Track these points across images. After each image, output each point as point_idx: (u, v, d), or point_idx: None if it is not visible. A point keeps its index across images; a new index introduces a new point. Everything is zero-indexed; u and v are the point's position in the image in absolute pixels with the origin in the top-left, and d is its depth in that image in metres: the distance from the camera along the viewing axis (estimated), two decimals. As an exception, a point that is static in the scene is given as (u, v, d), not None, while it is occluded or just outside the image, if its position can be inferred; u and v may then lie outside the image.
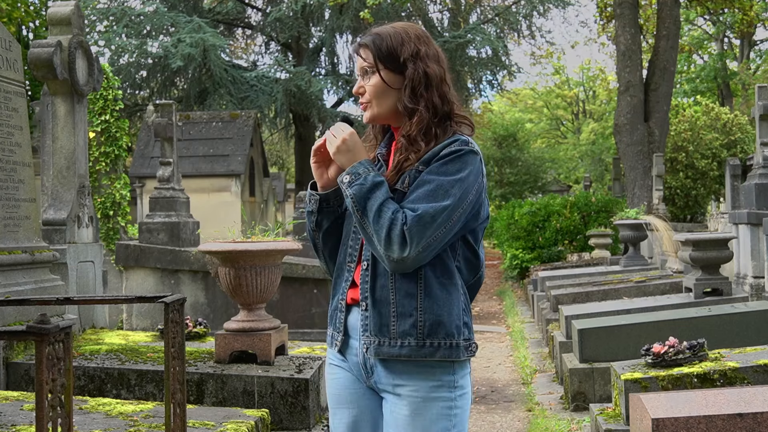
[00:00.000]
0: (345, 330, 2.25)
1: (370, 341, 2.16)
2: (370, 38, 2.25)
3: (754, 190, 8.88)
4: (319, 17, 20.86)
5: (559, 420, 5.50)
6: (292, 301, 7.16)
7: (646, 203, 16.24)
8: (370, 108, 2.26)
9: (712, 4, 21.44)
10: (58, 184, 5.69)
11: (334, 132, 2.21)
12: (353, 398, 2.28)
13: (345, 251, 2.27)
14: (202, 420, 3.58)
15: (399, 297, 2.13)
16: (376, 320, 2.15)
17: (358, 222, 2.12)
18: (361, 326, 2.18)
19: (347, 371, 2.29)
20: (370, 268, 2.17)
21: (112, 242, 11.31)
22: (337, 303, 2.27)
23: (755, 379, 4.11)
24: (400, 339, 2.12)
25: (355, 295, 2.22)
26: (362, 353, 2.19)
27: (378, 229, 2.07)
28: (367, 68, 2.23)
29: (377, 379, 2.19)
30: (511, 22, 22.24)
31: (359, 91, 2.26)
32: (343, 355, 2.28)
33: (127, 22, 19.58)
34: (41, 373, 1.92)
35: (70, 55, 5.58)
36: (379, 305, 2.15)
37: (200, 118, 16.33)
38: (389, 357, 2.14)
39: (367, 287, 2.17)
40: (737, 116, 21.80)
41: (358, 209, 2.10)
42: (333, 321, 2.28)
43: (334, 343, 2.27)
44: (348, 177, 2.14)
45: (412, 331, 2.12)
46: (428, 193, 2.08)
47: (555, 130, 40.17)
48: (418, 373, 2.14)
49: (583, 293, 8.67)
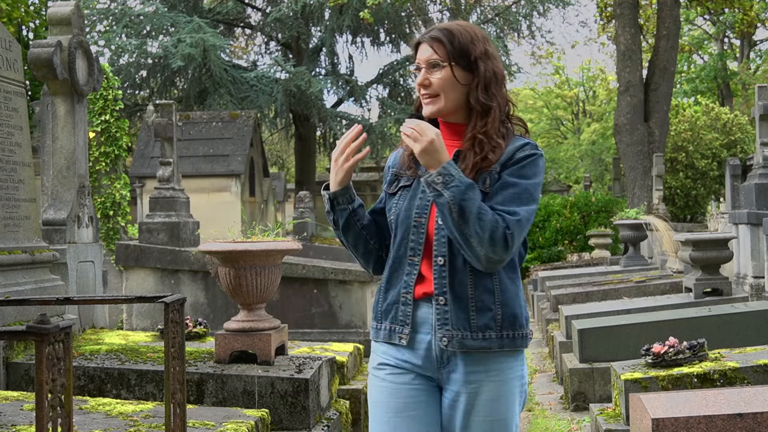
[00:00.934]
0: (413, 324, 2.30)
1: (452, 335, 2.25)
2: (441, 33, 2.30)
3: (754, 190, 8.88)
4: (319, 17, 20.86)
5: (559, 420, 5.50)
6: (292, 301, 7.16)
7: (646, 203, 16.23)
8: (436, 101, 2.32)
9: (712, 4, 21.43)
10: (58, 184, 5.69)
11: (417, 130, 2.20)
12: (414, 411, 2.31)
13: (405, 245, 2.32)
14: (202, 420, 3.58)
15: (478, 292, 2.25)
16: (457, 314, 2.25)
17: (453, 223, 2.17)
18: (438, 320, 2.26)
19: (409, 372, 2.32)
20: (447, 264, 2.25)
21: (112, 242, 11.31)
22: (399, 297, 2.32)
23: (755, 379, 4.11)
24: (481, 332, 2.24)
25: (426, 290, 2.28)
26: (438, 346, 2.27)
27: (479, 232, 2.15)
28: (438, 61, 2.28)
29: (453, 368, 2.28)
30: (511, 22, 22.24)
31: (424, 83, 2.30)
32: (409, 348, 2.31)
33: (127, 22, 19.58)
34: (41, 373, 1.92)
35: (70, 55, 5.58)
36: (458, 300, 2.24)
37: (200, 118, 16.33)
38: (471, 349, 2.25)
39: (445, 282, 2.25)
40: (737, 116, 21.80)
41: (455, 210, 2.16)
42: (392, 315, 2.33)
43: (398, 337, 2.32)
44: (441, 178, 2.18)
45: (492, 324, 2.25)
46: (516, 196, 2.21)
47: (555, 130, 40.16)
48: (494, 362, 2.27)
49: (583, 293, 8.67)
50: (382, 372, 2.37)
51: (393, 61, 22.26)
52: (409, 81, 22.88)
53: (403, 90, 22.81)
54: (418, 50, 2.34)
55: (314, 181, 22.38)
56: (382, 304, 2.36)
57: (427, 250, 2.29)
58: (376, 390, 2.37)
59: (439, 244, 2.27)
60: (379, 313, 2.37)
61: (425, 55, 2.30)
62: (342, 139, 2.34)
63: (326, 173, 27.11)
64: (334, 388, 4.84)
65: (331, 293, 7.18)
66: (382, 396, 2.35)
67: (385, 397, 2.34)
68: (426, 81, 2.30)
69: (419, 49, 2.33)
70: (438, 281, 2.26)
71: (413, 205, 2.32)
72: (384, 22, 21.30)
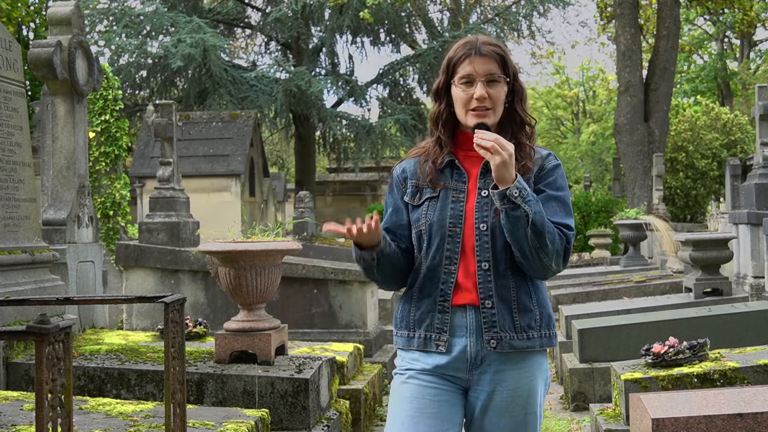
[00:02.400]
0: (451, 331, 2.37)
1: (500, 336, 2.34)
2: (498, 49, 2.40)
3: (754, 190, 8.87)
4: (319, 17, 20.84)
5: (559, 420, 5.50)
6: (292, 301, 7.15)
7: (646, 203, 16.24)
8: (491, 115, 2.38)
9: (712, 4, 21.43)
10: (58, 184, 5.69)
11: (497, 143, 2.26)
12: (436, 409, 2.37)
13: (441, 254, 2.38)
14: (202, 420, 3.58)
15: (519, 295, 2.36)
16: (503, 317, 2.34)
17: (526, 235, 2.27)
18: (486, 323, 2.34)
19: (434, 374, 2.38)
20: (491, 269, 2.34)
21: (112, 242, 11.30)
22: (435, 305, 2.38)
23: (755, 379, 4.11)
24: (525, 332, 2.36)
25: (464, 296, 2.35)
26: (475, 348, 2.35)
27: (550, 245, 2.29)
28: (497, 77, 2.37)
29: (485, 369, 2.36)
30: (511, 22, 22.21)
31: (484, 96, 2.36)
32: (443, 353, 2.37)
33: (127, 22, 19.56)
34: (41, 373, 1.92)
35: (70, 55, 5.58)
36: (503, 303, 2.34)
37: (200, 118, 16.32)
38: (519, 350, 2.36)
39: (491, 287, 2.34)
40: (737, 116, 21.80)
41: (537, 224, 2.27)
42: (427, 323, 2.39)
43: (436, 345, 2.38)
44: (518, 192, 2.27)
45: (533, 324, 2.37)
46: (563, 209, 2.38)
47: (555, 130, 40.14)
48: (527, 359, 2.39)
49: (583, 293, 8.67)
50: (406, 374, 2.42)
51: (393, 61, 22.23)
52: (409, 81, 22.87)
53: (403, 90, 22.79)
54: (467, 61, 2.38)
55: (314, 181, 22.37)
56: (415, 313, 2.41)
57: (462, 259, 2.37)
58: (400, 391, 2.42)
59: (482, 250, 2.35)
60: (412, 322, 2.42)
61: (484, 68, 2.36)
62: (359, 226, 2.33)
63: (326, 173, 27.09)
64: (334, 388, 4.84)
65: (331, 293, 7.18)
66: (405, 395, 2.40)
67: (408, 397, 2.39)
68: (485, 94, 2.36)
69: (469, 61, 2.37)
70: (483, 286, 2.34)
71: (446, 215, 2.38)
72: (384, 22, 21.27)
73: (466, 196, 2.39)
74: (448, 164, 2.43)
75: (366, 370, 5.87)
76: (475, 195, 2.38)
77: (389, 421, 2.42)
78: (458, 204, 2.38)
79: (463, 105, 2.38)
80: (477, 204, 2.37)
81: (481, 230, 2.34)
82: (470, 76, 2.36)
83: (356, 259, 2.41)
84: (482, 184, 2.38)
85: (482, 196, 2.37)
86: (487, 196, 2.36)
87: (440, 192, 2.40)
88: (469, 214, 2.36)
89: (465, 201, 2.38)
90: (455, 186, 2.40)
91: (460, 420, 2.40)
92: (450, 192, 2.39)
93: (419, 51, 21.42)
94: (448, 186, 2.40)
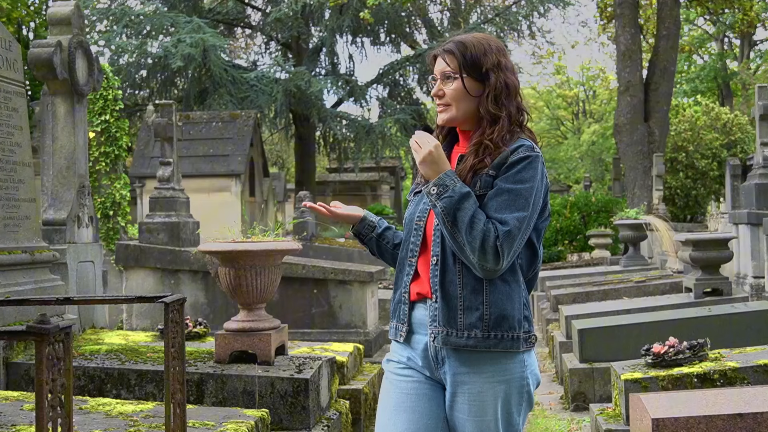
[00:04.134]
0: (410, 323, 2.41)
1: (438, 331, 2.32)
2: (454, 45, 2.40)
3: (754, 190, 8.87)
4: (319, 17, 20.83)
5: (559, 420, 5.50)
6: (292, 301, 7.15)
7: (646, 203, 16.23)
8: (448, 111, 2.42)
9: (712, 4, 21.43)
10: (58, 184, 5.69)
11: (419, 142, 2.33)
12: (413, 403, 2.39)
13: (406, 247, 2.45)
14: (202, 420, 3.58)
15: (466, 292, 2.30)
16: (444, 312, 2.32)
17: (448, 232, 2.26)
18: (430, 317, 2.34)
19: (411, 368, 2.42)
20: (439, 264, 2.34)
21: (112, 242, 11.30)
22: (400, 296, 2.44)
23: (755, 379, 4.11)
24: (467, 330, 2.30)
25: (420, 290, 2.39)
26: (432, 344, 2.34)
27: (471, 241, 2.22)
28: (450, 73, 2.39)
29: (447, 369, 2.34)
30: (511, 22, 22.20)
31: (438, 94, 2.41)
32: (409, 346, 2.42)
33: (127, 22, 19.56)
34: (41, 373, 1.92)
35: (70, 55, 5.58)
36: (447, 299, 2.32)
37: (200, 118, 16.31)
38: (456, 347, 2.31)
39: (436, 281, 2.33)
40: (737, 116, 21.80)
41: (448, 220, 2.25)
42: (396, 314, 2.46)
43: (399, 335, 2.44)
44: (435, 189, 2.28)
45: (479, 324, 2.29)
46: (509, 202, 2.26)
47: (555, 130, 40.13)
48: (487, 363, 2.31)
49: (583, 293, 8.67)
50: (389, 365, 2.48)
51: (393, 61, 22.22)
52: (409, 81, 22.87)
53: (403, 90, 22.78)
54: (434, 62, 2.45)
55: (314, 181, 22.35)
56: (391, 304, 2.50)
57: (423, 251, 2.40)
58: (384, 383, 2.49)
59: (435, 245, 2.37)
60: (390, 312, 2.51)
61: (440, 67, 2.43)
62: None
63: (326, 173, 27.09)
64: (334, 388, 4.84)
65: (331, 293, 7.18)
66: (388, 387, 2.46)
67: (390, 389, 2.45)
68: (440, 92, 2.41)
69: (436, 61, 2.44)
70: (432, 280, 2.35)
71: (417, 209, 2.46)
72: (384, 22, 21.26)
73: None
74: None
75: (366, 370, 5.87)
76: None
77: (377, 415, 2.48)
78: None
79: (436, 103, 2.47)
80: None
81: (435, 225, 2.38)
82: (434, 75, 2.44)
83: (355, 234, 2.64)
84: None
85: None
86: None
87: (423, 188, 2.44)
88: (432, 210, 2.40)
89: None
90: None
91: (442, 413, 2.40)
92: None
93: (419, 51, 21.41)
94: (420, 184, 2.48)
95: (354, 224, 2.62)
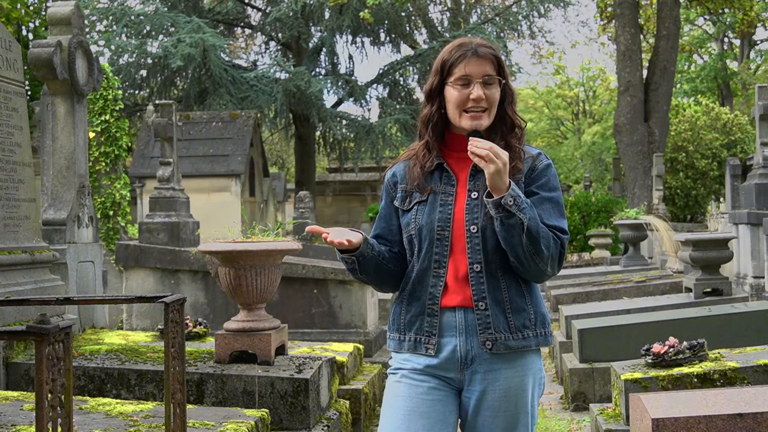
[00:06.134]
0: (439, 332, 2.37)
1: (495, 337, 2.35)
2: (491, 50, 2.40)
3: (754, 190, 8.87)
4: (319, 17, 20.83)
5: (559, 420, 5.50)
6: (292, 301, 7.15)
7: (646, 203, 16.24)
8: (487, 116, 2.40)
9: (712, 4, 21.43)
10: (58, 184, 5.69)
11: (492, 152, 2.25)
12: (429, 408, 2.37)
13: (429, 258, 2.38)
14: (202, 420, 3.58)
15: (511, 295, 2.36)
16: (497, 318, 2.35)
17: (521, 242, 2.28)
18: (480, 325, 2.34)
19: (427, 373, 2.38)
20: (484, 272, 2.35)
21: (112, 242, 11.30)
22: (425, 308, 2.38)
23: (755, 379, 4.11)
24: (519, 332, 2.36)
25: (453, 299, 2.36)
26: (465, 348, 2.35)
27: (545, 250, 2.31)
28: (493, 78, 2.38)
29: (477, 367, 2.36)
30: (511, 22, 22.21)
31: (481, 97, 2.36)
32: (435, 356, 2.37)
33: (127, 22, 19.56)
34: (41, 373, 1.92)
35: (70, 55, 5.58)
36: (497, 304, 2.35)
37: (200, 118, 16.31)
38: (515, 349, 2.36)
39: (483, 288, 2.35)
40: (737, 116, 21.79)
41: (532, 231, 2.28)
42: (417, 326, 2.40)
43: (425, 348, 2.38)
44: (512, 200, 2.27)
45: (528, 324, 2.37)
46: (555, 210, 2.38)
47: (555, 130, 40.13)
48: (519, 358, 2.38)
49: (583, 293, 8.67)
50: (399, 374, 2.43)
51: (393, 61, 22.22)
52: (409, 81, 22.86)
53: (403, 90, 22.78)
54: (464, 62, 2.37)
55: (314, 181, 22.35)
56: (405, 316, 2.42)
57: (451, 261, 2.37)
58: (393, 390, 2.42)
59: (473, 252, 2.35)
60: (402, 325, 2.43)
61: (480, 70, 2.36)
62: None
63: (326, 173, 27.07)
64: (334, 388, 4.84)
65: (331, 293, 7.17)
66: (398, 395, 2.40)
67: (402, 396, 2.39)
68: (484, 95, 2.36)
69: (466, 62, 2.37)
70: (476, 287, 2.34)
71: (434, 218, 2.39)
72: (384, 22, 21.26)
73: (455, 198, 2.39)
74: (437, 167, 2.43)
75: (366, 370, 5.87)
76: (464, 197, 2.39)
77: (383, 419, 2.42)
78: (446, 207, 2.38)
79: (458, 106, 2.37)
80: (467, 206, 2.37)
81: (471, 232, 2.35)
82: (467, 77, 2.36)
83: (339, 260, 2.46)
84: (471, 186, 2.39)
85: (472, 198, 2.38)
86: (477, 198, 2.36)
87: (428, 196, 2.41)
88: (457, 217, 2.37)
89: (453, 204, 2.39)
90: (444, 189, 2.41)
91: (454, 420, 2.40)
92: (438, 195, 2.40)
93: (419, 51, 21.42)
94: (437, 189, 2.40)
95: (356, 248, 2.39)
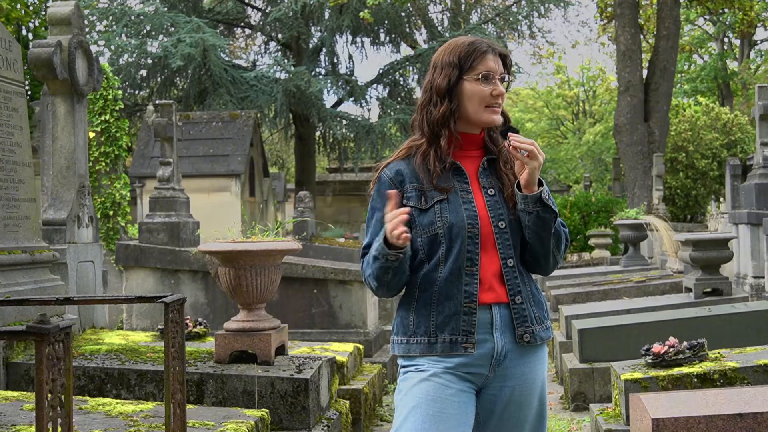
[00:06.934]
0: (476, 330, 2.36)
1: (532, 330, 2.40)
2: (506, 50, 2.46)
3: (754, 190, 8.87)
4: (319, 17, 20.82)
5: (559, 420, 5.50)
6: (292, 301, 7.15)
7: (646, 203, 16.23)
8: (499, 112, 2.44)
9: (712, 4, 21.42)
10: (58, 184, 5.69)
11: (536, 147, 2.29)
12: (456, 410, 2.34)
13: (462, 256, 2.35)
14: (202, 420, 3.58)
15: (532, 289, 2.44)
16: (531, 311, 2.41)
17: (551, 234, 2.37)
18: (517, 319, 2.38)
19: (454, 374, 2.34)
20: (516, 267, 2.40)
21: (112, 242, 11.30)
22: (460, 307, 2.34)
23: (755, 379, 4.11)
24: (543, 323, 2.44)
25: (489, 296, 2.36)
26: (501, 343, 2.36)
27: (563, 241, 2.43)
28: (505, 77, 2.43)
29: (508, 363, 2.38)
30: (511, 22, 22.20)
31: (502, 94, 2.41)
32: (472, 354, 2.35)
33: (127, 22, 19.56)
34: (41, 373, 1.92)
35: (70, 55, 5.58)
36: (526, 298, 2.41)
37: (200, 118, 16.31)
38: (545, 340, 2.43)
39: (517, 282, 2.39)
40: (737, 116, 21.80)
41: (555, 225, 2.37)
42: (453, 325, 2.35)
43: (464, 348, 2.35)
44: (547, 194, 2.35)
45: (546, 315, 2.46)
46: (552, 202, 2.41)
47: (555, 130, 40.11)
48: (539, 350, 2.45)
49: (583, 293, 8.67)
50: (428, 372, 2.35)
51: (393, 61, 22.21)
52: (409, 81, 22.85)
53: (403, 90, 22.77)
54: (486, 58, 2.39)
55: (314, 181, 22.35)
56: (437, 317, 2.36)
57: (483, 258, 2.38)
58: (419, 387, 2.34)
59: (504, 248, 2.38)
60: (433, 327, 2.36)
61: (499, 67, 2.41)
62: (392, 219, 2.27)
63: (326, 173, 27.07)
64: (334, 388, 4.84)
65: (331, 293, 7.17)
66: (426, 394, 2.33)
67: (431, 396, 2.33)
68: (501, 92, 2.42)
69: (488, 57, 2.39)
70: (511, 282, 2.39)
71: (462, 216, 2.36)
72: (384, 22, 21.25)
73: (473, 196, 2.40)
74: (450, 165, 2.41)
75: (366, 370, 5.87)
76: (480, 194, 2.40)
77: (404, 417, 2.33)
78: (470, 204, 2.38)
79: (481, 101, 2.37)
80: (488, 203, 2.39)
81: (500, 228, 2.38)
82: (490, 73, 2.38)
83: (380, 255, 2.30)
84: (486, 183, 2.41)
85: (489, 194, 2.40)
86: (495, 195, 2.39)
87: (448, 195, 2.38)
88: (482, 213, 2.38)
89: (475, 201, 2.39)
90: (461, 187, 2.40)
91: (473, 421, 2.39)
92: (459, 193, 2.38)
93: (419, 51, 21.40)
94: (456, 188, 2.39)
95: (403, 245, 2.30)
